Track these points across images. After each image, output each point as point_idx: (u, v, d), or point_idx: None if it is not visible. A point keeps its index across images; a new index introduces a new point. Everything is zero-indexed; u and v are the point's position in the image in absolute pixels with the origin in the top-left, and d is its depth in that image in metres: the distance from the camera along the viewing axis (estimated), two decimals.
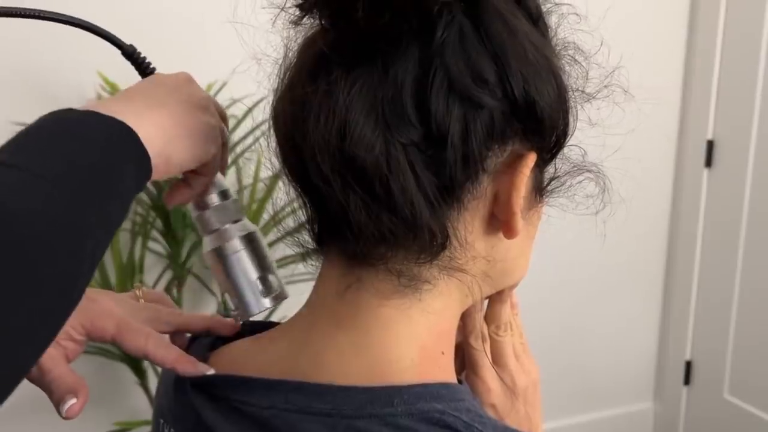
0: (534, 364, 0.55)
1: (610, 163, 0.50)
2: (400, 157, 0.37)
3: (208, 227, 0.49)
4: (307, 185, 0.41)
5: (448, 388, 0.41)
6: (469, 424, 0.39)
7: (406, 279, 0.41)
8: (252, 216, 1.61)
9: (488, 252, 0.43)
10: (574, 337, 2.21)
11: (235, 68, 0.61)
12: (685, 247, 2.22)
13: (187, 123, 0.44)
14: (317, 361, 0.42)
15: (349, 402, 0.40)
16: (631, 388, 2.36)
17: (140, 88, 0.45)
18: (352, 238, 0.40)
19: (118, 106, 0.41)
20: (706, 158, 2.10)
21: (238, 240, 0.49)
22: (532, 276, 1.90)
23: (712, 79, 2.05)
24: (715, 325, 2.16)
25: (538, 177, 0.44)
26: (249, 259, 0.49)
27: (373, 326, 0.42)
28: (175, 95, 0.44)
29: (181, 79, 0.47)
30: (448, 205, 0.40)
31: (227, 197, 0.49)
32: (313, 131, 0.38)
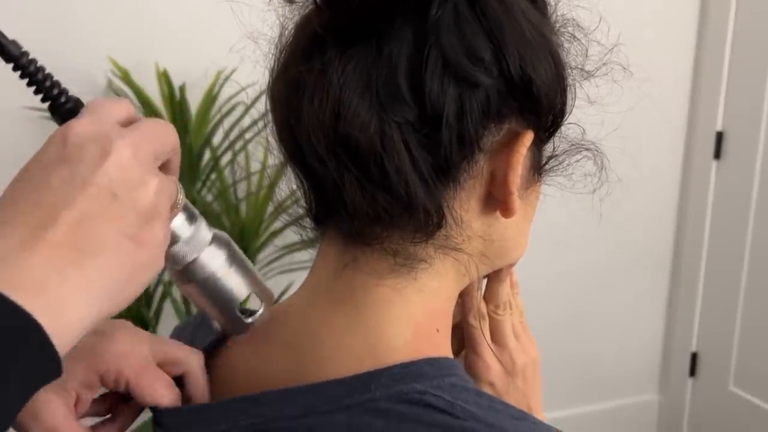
0: (534, 343, 0.55)
1: (615, 150, 0.50)
2: (394, 136, 0.38)
3: (185, 261, 0.40)
4: (303, 165, 0.41)
5: (433, 363, 0.41)
6: (451, 402, 0.39)
7: (402, 258, 0.42)
8: (260, 203, 1.62)
9: (485, 231, 0.43)
10: (580, 328, 2.21)
11: (232, 47, 0.54)
12: (693, 240, 2.21)
13: (130, 270, 0.34)
14: (315, 339, 0.43)
15: (323, 397, 0.40)
16: (636, 380, 2.36)
17: (61, 216, 0.32)
18: (348, 217, 0.40)
19: (25, 273, 0.30)
20: (715, 150, 2.09)
21: (223, 261, 0.41)
22: (537, 266, 1.92)
23: (722, 71, 2.04)
24: (722, 317, 2.15)
25: (535, 156, 0.44)
26: (239, 275, 0.42)
27: (368, 305, 0.42)
28: (117, 222, 0.33)
29: (126, 176, 0.33)
30: (444, 185, 0.40)
31: (194, 217, 0.40)
32: (308, 111, 0.38)
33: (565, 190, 0.46)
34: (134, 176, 0.34)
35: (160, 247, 0.35)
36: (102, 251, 0.32)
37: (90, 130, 0.34)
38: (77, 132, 0.34)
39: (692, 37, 2.14)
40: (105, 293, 0.32)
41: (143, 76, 1.57)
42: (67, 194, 0.32)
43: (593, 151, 0.46)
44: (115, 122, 0.35)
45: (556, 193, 0.57)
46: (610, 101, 0.48)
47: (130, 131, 0.34)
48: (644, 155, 2.15)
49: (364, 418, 0.38)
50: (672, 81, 2.15)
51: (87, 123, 0.34)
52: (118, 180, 0.33)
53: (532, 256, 1.84)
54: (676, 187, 2.24)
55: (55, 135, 0.34)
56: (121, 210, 0.33)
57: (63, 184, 0.32)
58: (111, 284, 0.33)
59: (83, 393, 0.42)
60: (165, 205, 0.35)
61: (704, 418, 2.26)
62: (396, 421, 0.38)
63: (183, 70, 1.56)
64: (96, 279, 0.32)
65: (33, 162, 0.34)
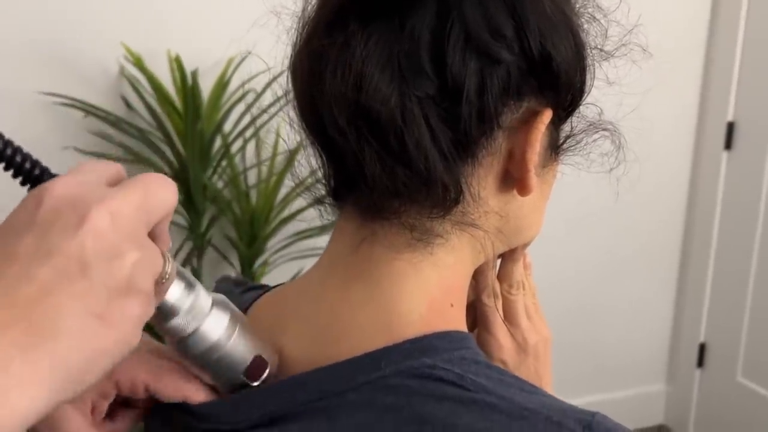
0: (545, 323, 0.56)
1: (628, 131, 0.50)
2: (415, 110, 0.38)
3: (185, 332, 0.38)
4: (323, 138, 0.42)
5: (443, 337, 0.41)
6: (461, 375, 0.39)
7: (419, 233, 0.42)
8: (270, 191, 1.63)
9: (501, 208, 0.44)
10: (588, 318, 2.21)
11: (256, 21, 0.53)
12: (702, 230, 2.20)
13: (92, 355, 0.31)
14: (332, 313, 0.43)
15: (335, 379, 0.40)
16: (644, 370, 2.36)
17: (20, 291, 0.29)
18: (367, 191, 0.40)
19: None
20: (726, 140, 2.08)
21: (226, 326, 0.39)
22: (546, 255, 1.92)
23: (734, 61, 2.03)
24: (730, 307, 2.15)
25: (553, 135, 0.44)
26: (243, 338, 0.40)
27: (385, 279, 0.43)
28: (83, 299, 0.30)
29: (101, 247, 0.31)
30: (462, 160, 0.40)
31: (192, 284, 0.38)
32: (330, 84, 0.39)
33: (582, 169, 0.47)
34: (110, 247, 0.31)
35: (133, 325, 0.32)
36: (60, 334, 0.29)
37: (68, 192, 0.31)
38: (54, 194, 0.31)
39: (704, 28, 2.12)
40: (59, 381, 0.30)
41: (155, 62, 1.58)
42: (30, 265, 0.29)
43: (611, 131, 0.46)
44: (101, 182, 0.33)
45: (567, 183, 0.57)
46: (626, 82, 0.48)
47: (115, 193, 0.32)
48: (655, 145, 2.14)
49: (376, 396, 0.39)
50: (684, 71, 2.14)
51: (68, 182, 0.32)
52: (90, 251, 0.30)
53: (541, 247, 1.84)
54: (686, 178, 2.23)
55: (29, 196, 0.32)
56: (89, 285, 0.30)
57: (28, 254, 0.30)
58: (67, 371, 0.30)
59: (99, 402, 0.42)
60: (145, 279, 0.32)
61: (712, 409, 2.26)
62: (406, 396, 0.38)
63: (195, 57, 1.57)
64: (48, 368, 0.29)
65: (4, 223, 0.32)
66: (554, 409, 0.38)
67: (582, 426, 0.37)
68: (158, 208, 0.34)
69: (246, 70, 1.57)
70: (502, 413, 0.37)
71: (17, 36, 1.53)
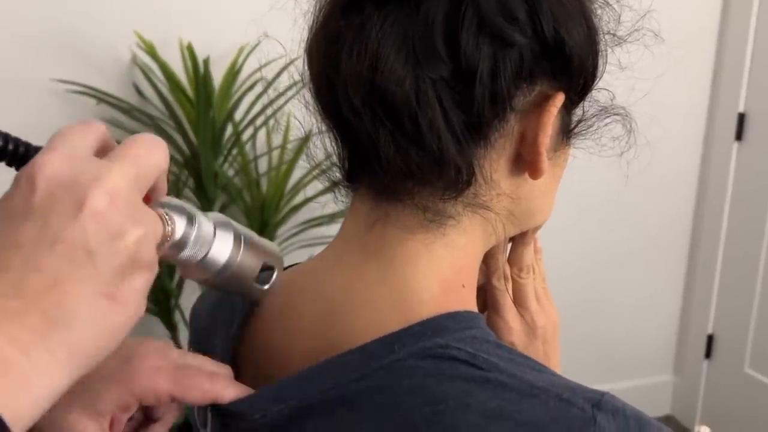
0: (554, 308, 0.57)
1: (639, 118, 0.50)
2: (429, 92, 0.39)
3: (196, 260, 0.40)
4: (338, 120, 0.42)
5: (454, 317, 0.42)
6: (473, 353, 0.40)
7: (431, 214, 0.43)
8: (280, 179, 1.64)
9: (513, 191, 0.44)
10: (596, 308, 2.22)
11: (272, 5, 0.53)
12: (712, 222, 2.20)
13: (106, 334, 0.32)
14: (346, 290, 0.44)
15: (351, 366, 0.40)
16: (652, 361, 2.37)
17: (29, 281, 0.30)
18: (381, 172, 0.41)
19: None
20: (737, 131, 2.08)
21: (232, 245, 0.41)
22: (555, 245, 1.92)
23: (745, 52, 2.02)
24: (739, 299, 2.14)
25: (565, 119, 0.45)
26: (248, 252, 0.42)
27: (398, 259, 0.43)
28: (91, 283, 0.31)
29: (102, 229, 0.31)
30: (475, 142, 0.41)
31: (192, 216, 0.39)
32: (346, 65, 0.39)
33: (593, 153, 0.47)
34: (111, 228, 0.31)
35: (141, 297, 0.33)
36: (74, 321, 0.30)
37: (60, 173, 0.31)
38: (47, 175, 0.31)
39: (716, 19, 2.11)
40: (76, 362, 0.31)
41: (167, 51, 1.58)
42: (35, 255, 0.30)
43: (623, 116, 0.46)
44: (90, 155, 0.33)
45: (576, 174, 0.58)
46: (639, 67, 0.49)
47: (108, 170, 0.32)
48: (665, 135, 2.14)
49: (391, 379, 0.39)
50: (695, 62, 2.13)
51: (58, 162, 0.31)
52: (93, 234, 0.31)
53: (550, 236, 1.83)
54: (696, 168, 2.23)
55: (20, 178, 0.31)
56: (96, 269, 0.31)
57: (31, 243, 0.30)
58: (83, 353, 0.31)
59: (119, 415, 0.42)
60: (148, 251, 0.33)
61: (719, 400, 2.27)
62: (421, 378, 0.39)
63: (207, 45, 1.58)
64: (66, 352, 0.30)
65: (1, 208, 0.31)
66: (564, 387, 0.39)
67: (591, 404, 0.37)
68: (151, 174, 0.34)
69: (257, 59, 1.58)
70: (513, 391, 0.38)
71: (31, 24, 1.55)
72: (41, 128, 0.59)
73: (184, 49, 1.55)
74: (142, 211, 0.33)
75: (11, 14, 1.54)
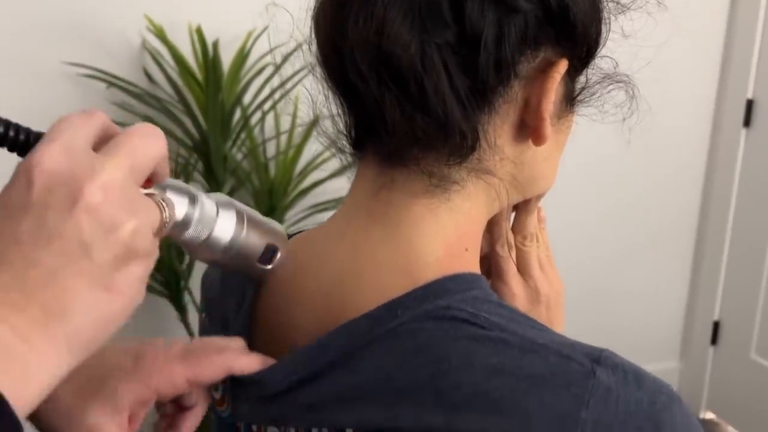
0: (558, 276, 0.57)
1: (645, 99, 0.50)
2: (434, 57, 0.39)
3: (200, 240, 0.41)
4: (345, 86, 0.43)
5: (455, 279, 0.43)
6: (475, 313, 0.41)
7: (436, 179, 0.44)
8: (288, 163, 1.65)
9: (516, 156, 0.45)
10: (603, 294, 2.22)
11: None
12: (719, 208, 2.20)
13: (104, 323, 0.33)
14: (353, 252, 0.45)
15: (358, 333, 0.42)
16: (658, 347, 2.37)
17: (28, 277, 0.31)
18: (387, 138, 0.42)
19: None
20: (745, 118, 2.07)
21: (235, 225, 0.42)
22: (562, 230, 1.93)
23: (754, 38, 2.01)
24: (745, 286, 2.15)
25: (569, 86, 0.45)
26: (252, 231, 0.43)
27: (403, 222, 0.44)
28: (88, 276, 0.32)
29: (97, 223, 0.32)
30: (480, 108, 0.42)
31: (194, 196, 0.40)
32: (353, 29, 0.40)
33: (596, 120, 0.48)
34: (106, 221, 0.32)
35: (139, 285, 0.35)
36: (70, 312, 0.32)
37: (57, 167, 0.32)
38: (44, 169, 0.32)
39: (725, 5, 2.11)
40: (75, 350, 0.32)
41: (177, 35, 1.60)
42: (33, 250, 0.31)
43: (626, 83, 0.47)
44: (87, 147, 0.34)
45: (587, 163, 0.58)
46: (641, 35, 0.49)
47: (103, 164, 0.33)
48: (673, 121, 2.14)
49: (395, 342, 0.41)
50: (703, 48, 2.12)
51: (56, 155, 0.32)
52: (88, 228, 0.32)
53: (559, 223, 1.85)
54: (704, 155, 2.22)
55: (19, 171, 0.32)
56: (92, 261, 0.32)
57: (30, 238, 0.31)
58: (81, 342, 0.32)
59: (137, 410, 0.43)
60: (144, 240, 0.34)
61: (724, 386, 2.27)
62: (424, 339, 0.40)
63: (216, 30, 1.59)
64: (65, 342, 0.32)
65: (1, 202, 0.33)
66: (564, 344, 0.40)
67: (590, 359, 0.38)
68: (147, 164, 0.35)
69: (265, 43, 1.59)
70: (514, 348, 0.39)
71: (44, 9, 1.56)
72: (52, 111, 0.60)
73: (193, 32, 1.56)
74: (138, 201, 0.34)
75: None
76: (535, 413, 0.37)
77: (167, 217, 0.37)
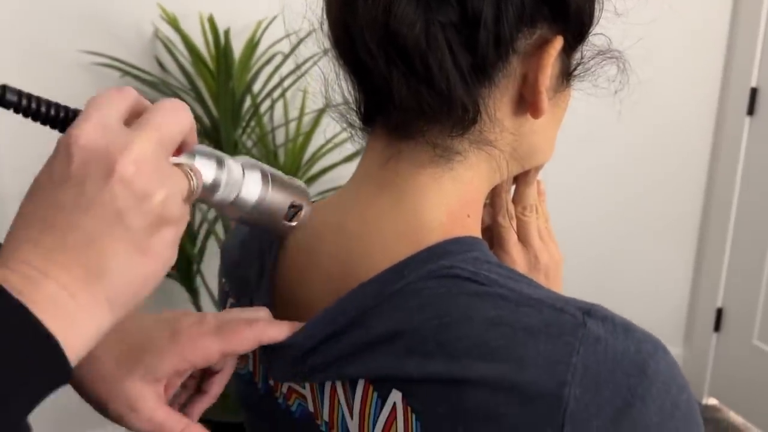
0: (557, 247, 0.60)
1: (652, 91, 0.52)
2: (438, 35, 0.42)
3: (228, 201, 0.44)
4: (355, 63, 0.46)
5: (456, 242, 0.46)
6: (474, 271, 0.43)
7: (441, 150, 0.47)
8: (298, 149, 1.68)
9: (516, 129, 0.48)
10: (606, 280, 2.24)
11: None
12: (722, 196, 2.22)
13: (140, 281, 0.37)
14: (362, 220, 0.49)
15: (369, 296, 0.45)
16: (662, 333, 2.35)
17: (69, 239, 0.35)
18: (395, 111, 0.45)
19: (44, 295, 0.33)
20: (749, 106, 2.09)
21: (261, 185, 0.45)
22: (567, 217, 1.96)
23: (759, 26, 2.02)
24: (748, 273, 2.17)
25: (565, 62, 0.48)
26: (277, 190, 0.46)
27: (409, 191, 0.47)
28: (123, 240, 0.35)
29: (130, 192, 0.36)
30: (480, 83, 0.45)
31: (221, 160, 0.43)
32: (362, 10, 0.43)
33: (588, 93, 0.51)
34: (139, 191, 0.35)
35: (171, 248, 0.38)
36: (109, 272, 0.35)
37: (93, 143, 0.35)
38: (81, 145, 0.35)
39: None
40: (116, 307, 0.36)
41: (188, 24, 1.63)
42: (73, 216, 0.35)
43: (618, 60, 0.50)
44: (119, 123, 0.37)
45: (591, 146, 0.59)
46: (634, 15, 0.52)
47: (134, 138, 0.36)
48: (677, 109, 2.15)
49: (403, 301, 0.44)
50: (708, 36, 2.13)
51: (91, 131, 0.36)
52: (122, 198, 0.35)
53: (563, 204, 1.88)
54: (708, 143, 2.24)
55: (59, 146, 0.36)
56: (127, 227, 0.35)
57: (70, 206, 0.35)
58: (121, 299, 0.36)
59: (173, 380, 0.47)
60: (174, 207, 0.37)
61: (727, 371, 2.30)
62: (428, 296, 0.43)
63: (228, 19, 1.62)
64: (104, 298, 0.35)
65: (43, 176, 0.36)
66: (557, 299, 0.43)
67: (582, 312, 0.42)
68: (175, 137, 0.38)
69: (274, 33, 1.62)
70: (511, 302, 0.42)
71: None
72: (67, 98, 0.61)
73: (205, 21, 1.59)
74: (167, 172, 0.37)
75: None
76: (530, 359, 0.40)
77: (195, 185, 0.40)
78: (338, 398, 0.47)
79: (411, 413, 0.43)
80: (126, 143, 0.36)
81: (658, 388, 0.40)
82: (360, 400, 0.45)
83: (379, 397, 0.44)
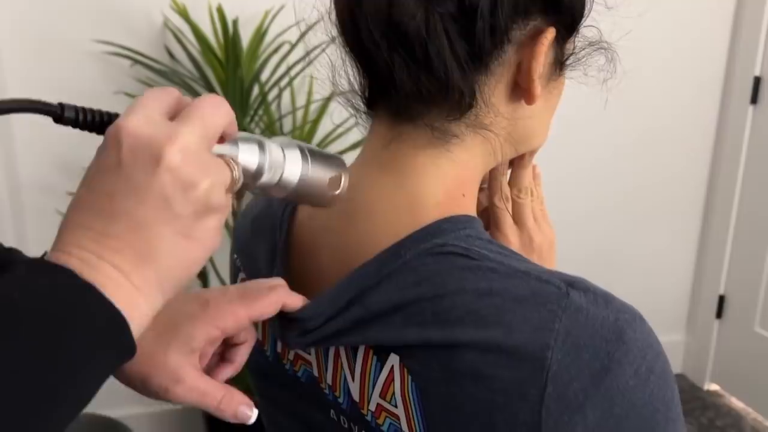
0: (551, 228, 0.63)
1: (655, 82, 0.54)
2: (437, 25, 0.45)
3: (273, 183, 0.45)
4: (360, 51, 0.49)
5: (450, 220, 0.49)
6: (467, 248, 0.46)
7: (438, 133, 0.50)
8: (305, 137, 1.71)
9: (510, 114, 0.51)
10: (609, 267, 2.26)
11: None
12: (726, 184, 2.23)
13: (186, 265, 0.39)
14: (365, 198, 0.52)
15: (369, 275, 0.47)
16: (664, 320, 2.42)
17: (120, 224, 0.37)
18: (396, 96, 0.48)
19: (104, 275, 0.35)
20: (753, 94, 2.10)
21: (301, 163, 0.46)
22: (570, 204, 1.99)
23: (762, 15, 2.03)
24: (750, 260, 2.18)
25: (558, 52, 0.51)
26: (317, 165, 0.47)
27: (409, 171, 0.51)
28: (171, 226, 0.37)
29: (177, 181, 0.37)
30: (477, 70, 0.47)
31: (262, 144, 0.44)
32: (367, 1, 0.46)
33: (588, 82, 0.53)
34: (185, 179, 0.37)
35: (215, 234, 0.39)
36: (158, 256, 0.37)
37: (141, 132, 0.37)
38: (129, 133, 0.37)
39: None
40: (165, 288, 0.38)
41: (197, 13, 1.65)
42: (123, 202, 0.36)
43: (608, 51, 0.53)
44: (164, 117, 0.38)
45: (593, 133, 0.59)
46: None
47: (179, 129, 0.37)
48: (681, 98, 2.17)
49: (400, 278, 0.47)
50: (711, 25, 2.14)
51: (138, 122, 0.37)
52: (169, 186, 0.36)
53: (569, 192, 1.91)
54: (712, 131, 2.25)
55: (108, 136, 0.38)
56: (174, 214, 0.37)
57: (120, 192, 0.36)
58: (169, 281, 0.38)
59: (207, 349, 0.49)
60: (218, 196, 0.39)
61: (729, 358, 2.32)
62: (425, 272, 0.47)
63: (235, 9, 1.64)
64: (155, 279, 0.37)
65: (96, 163, 0.38)
66: (543, 271, 0.46)
67: (566, 284, 0.45)
68: (217, 129, 0.40)
69: (281, 23, 1.64)
70: (500, 274, 0.45)
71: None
72: (79, 85, 0.63)
73: (213, 11, 1.62)
74: (211, 162, 0.39)
75: None
76: (517, 325, 0.43)
77: (237, 175, 0.41)
78: (341, 363, 0.51)
79: (407, 374, 0.46)
80: (171, 134, 0.37)
81: (635, 354, 0.43)
82: (361, 364, 0.49)
83: (378, 361, 0.48)
